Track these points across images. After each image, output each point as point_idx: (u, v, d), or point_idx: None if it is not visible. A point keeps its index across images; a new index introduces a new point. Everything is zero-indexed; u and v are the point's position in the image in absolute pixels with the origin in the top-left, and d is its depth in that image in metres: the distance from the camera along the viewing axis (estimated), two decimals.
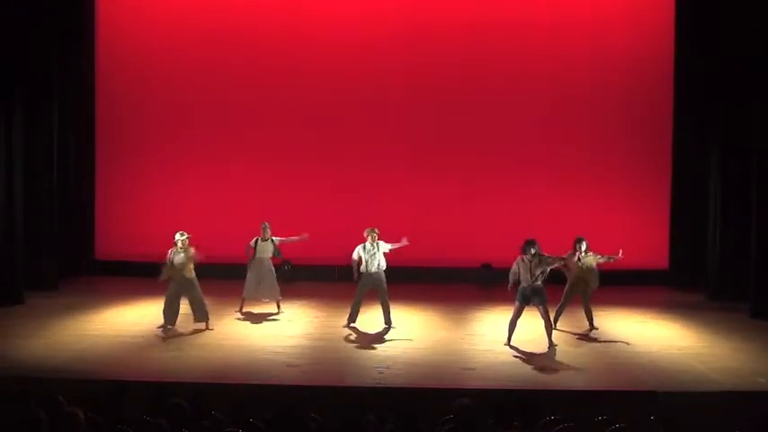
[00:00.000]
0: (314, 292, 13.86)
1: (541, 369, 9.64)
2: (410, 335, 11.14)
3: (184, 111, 15.46)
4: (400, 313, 11.72)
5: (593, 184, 15.22)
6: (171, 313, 11.05)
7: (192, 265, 11.07)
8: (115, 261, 15.36)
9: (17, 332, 10.86)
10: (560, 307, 11.44)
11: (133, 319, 11.90)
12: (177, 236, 11.04)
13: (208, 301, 11.31)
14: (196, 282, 11.11)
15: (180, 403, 6.43)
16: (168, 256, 11.04)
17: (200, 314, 11.12)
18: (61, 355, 9.83)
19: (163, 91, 15.46)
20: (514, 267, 10.49)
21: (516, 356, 10.12)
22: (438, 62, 15.23)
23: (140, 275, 14.68)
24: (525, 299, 10.40)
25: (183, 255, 10.99)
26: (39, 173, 13.70)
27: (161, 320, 11.20)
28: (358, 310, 11.50)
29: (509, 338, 10.51)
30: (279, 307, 12.37)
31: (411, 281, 14.12)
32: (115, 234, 15.41)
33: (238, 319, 11.93)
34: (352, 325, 11.45)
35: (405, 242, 11.39)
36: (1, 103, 12.76)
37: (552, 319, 10.91)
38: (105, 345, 10.38)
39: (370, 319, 11.66)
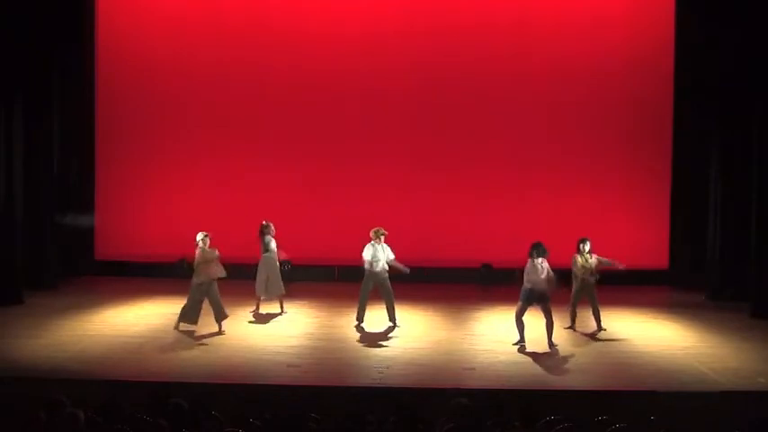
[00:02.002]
0: (314, 292, 13.86)
1: (541, 369, 9.63)
2: (410, 335, 11.14)
3: (184, 110, 15.43)
4: (401, 313, 11.72)
5: (593, 184, 15.19)
6: (193, 313, 10.98)
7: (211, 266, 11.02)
8: (115, 261, 15.34)
9: (17, 332, 10.86)
10: (572, 310, 11.44)
11: (133, 319, 11.89)
12: (200, 236, 11.00)
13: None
14: (215, 283, 11.07)
15: (180, 403, 6.44)
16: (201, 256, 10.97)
17: (219, 314, 11.05)
18: (60, 355, 9.82)
19: (163, 91, 15.42)
20: (526, 267, 10.46)
21: (516, 356, 10.11)
22: (438, 62, 15.19)
23: (140, 275, 14.77)
24: (529, 300, 10.41)
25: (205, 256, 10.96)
26: (39, 173, 13.70)
27: (160, 320, 11.19)
28: (364, 309, 11.52)
29: (522, 337, 10.41)
30: (282, 307, 12.38)
31: (411, 281, 14.04)
32: (115, 234, 15.39)
33: (239, 319, 11.90)
34: (358, 325, 11.48)
35: (405, 270, 11.56)
36: (1, 104, 12.76)
37: (570, 321, 11.25)
38: (105, 345, 10.37)
39: (370, 318, 11.65)
